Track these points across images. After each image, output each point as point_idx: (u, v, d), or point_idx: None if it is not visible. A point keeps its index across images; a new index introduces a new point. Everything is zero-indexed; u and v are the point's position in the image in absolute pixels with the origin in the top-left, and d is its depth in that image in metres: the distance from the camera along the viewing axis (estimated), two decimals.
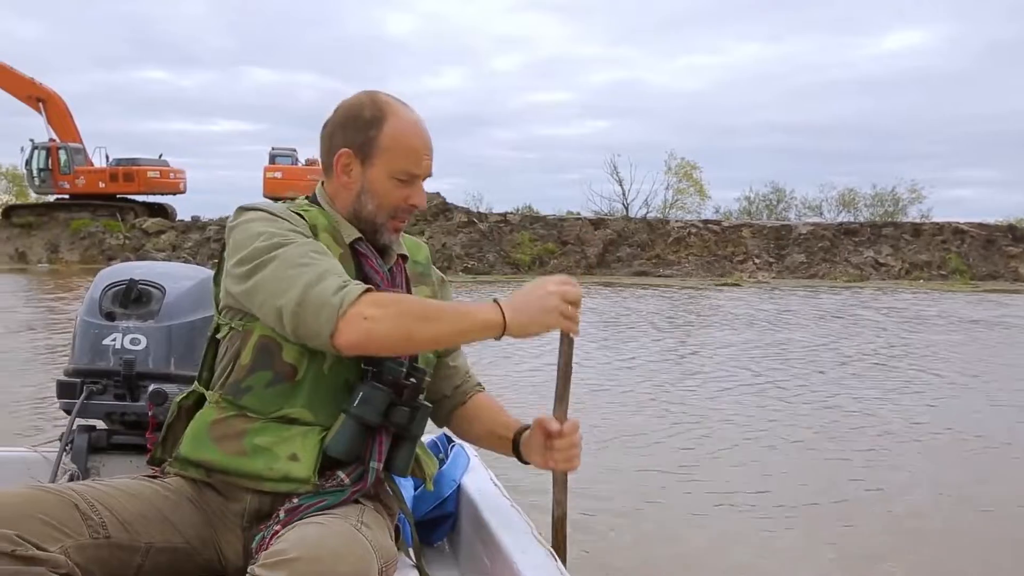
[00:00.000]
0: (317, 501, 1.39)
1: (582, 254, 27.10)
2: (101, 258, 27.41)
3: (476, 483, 1.95)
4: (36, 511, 1.23)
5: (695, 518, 4.27)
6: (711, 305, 17.36)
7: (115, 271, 2.18)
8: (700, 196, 37.30)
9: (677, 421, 6.39)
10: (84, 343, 2.07)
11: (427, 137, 1.56)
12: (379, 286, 1.49)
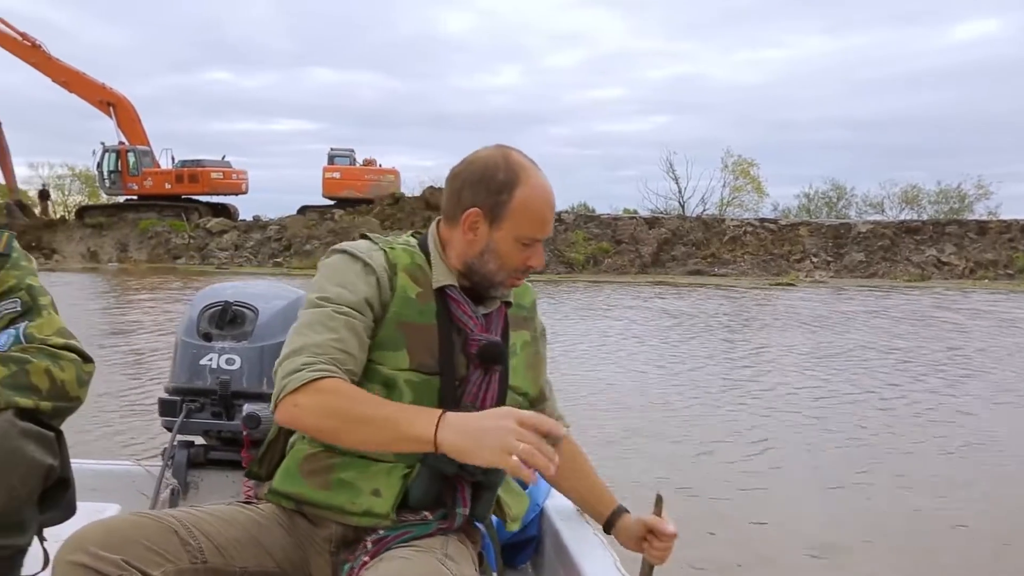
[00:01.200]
0: (403, 532, 1.43)
1: (636, 253, 27.07)
2: (167, 257, 28.32)
3: (558, 508, 1.92)
4: (140, 537, 1.30)
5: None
6: (787, 306, 16.93)
7: (211, 292, 2.27)
8: (757, 193, 37.03)
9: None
10: (183, 362, 2.16)
11: (553, 201, 1.58)
12: (471, 331, 1.53)
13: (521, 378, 1.63)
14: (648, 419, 6.54)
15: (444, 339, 1.52)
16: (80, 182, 42.06)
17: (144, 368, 8.29)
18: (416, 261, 1.56)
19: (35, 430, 1.43)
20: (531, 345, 1.68)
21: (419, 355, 1.50)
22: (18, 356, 1.48)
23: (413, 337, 1.50)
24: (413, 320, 1.51)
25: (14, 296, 1.56)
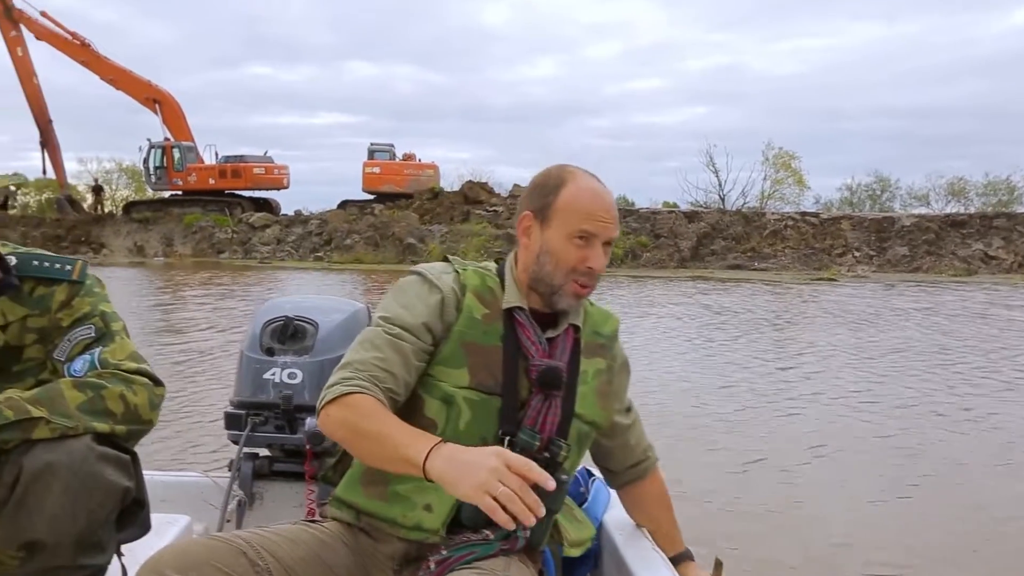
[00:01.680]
0: (466, 554, 1.45)
1: (675, 247, 26.96)
2: (211, 251, 28.80)
3: (618, 522, 1.92)
4: (211, 559, 1.34)
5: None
6: (835, 302, 16.45)
7: (272, 307, 2.31)
8: (799, 186, 36.52)
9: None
10: (246, 376, 2.21)
11: (606, 201, 1.58)
12: (532, 356, 1.55)
13: (590, 406, 1.62)
14: (693, 425, 6.38)
15: (508, 361, 1.54)
16: (127, 177, 42.86)
17: (201, 367, 8.35)
18: (487, 284, 1.60)
19: (112, 454, 1.49)
20: (605, 374, 1.66)
21: (479, 374, 1.53)
22: (94, 382, 1.52)
23: (475, 356, 1.54)
24: (476, 340, 1.55)
25: (88, 322, 1.62)
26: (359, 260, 26.34)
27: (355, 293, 18.05)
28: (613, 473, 1.80)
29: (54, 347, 1.59)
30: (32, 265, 1.62)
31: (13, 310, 1.59)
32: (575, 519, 1.69)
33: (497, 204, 29.57)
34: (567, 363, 1.58)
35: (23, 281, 1.61)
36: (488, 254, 26.12)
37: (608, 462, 1.79)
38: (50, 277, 1.62)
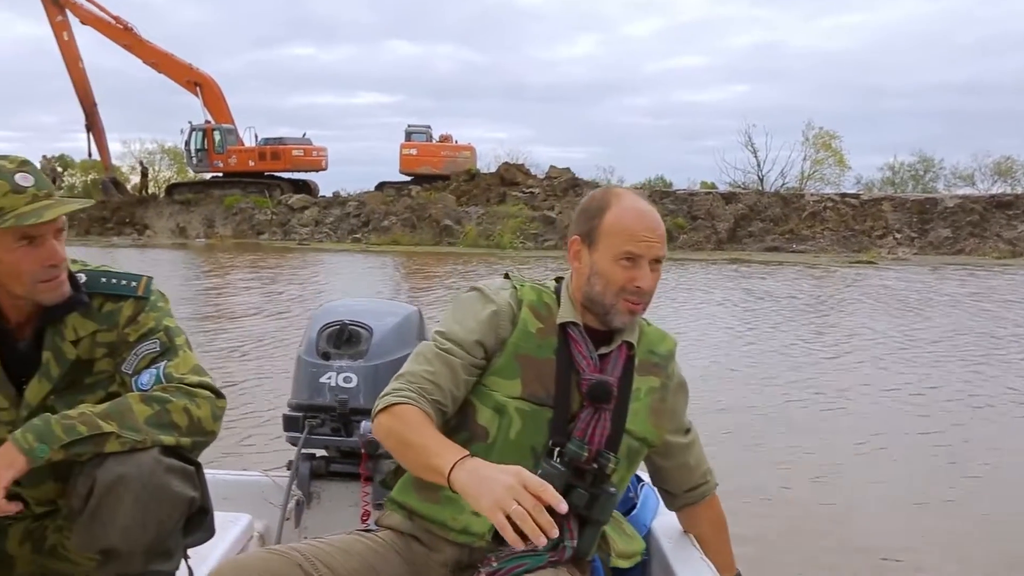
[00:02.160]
0: (516, 566, 1.48)
1: (712, 229, 26.78)
2: (251, 233, 29.18)
3: (666, 529, 1.93)
4: (268, 572, 1.40)
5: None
6: (880, 286, 15.98)
7: (328, 311, 2.36)
8: (839, 166, 36.05)
9: None
10: (303, 380, 2.25)
11: (649, 220, 1.61)
12: (583, 370, 1.59)
13: (641, 423, 1.65)
14: (735, 418, 6.19)
15: (561, 374, 1.59)
16: (169, 158, 43.52)
17: (253, 356, 8.34)
18: (543, 299, 1.67)
19: (178, 466, 1.55)
20: (658, 392, 1.68)
21: (531, 386, 1.59)
22: (160, 396, 1.59)
23: (527, 368, 1.59)
24: (530, 353, 1.60)
25: (154, 337, 1.68)
26: (396, 242, 26.55)
27: (394, 276, 18.24)
28: (671, 495, 1.83)
29: (122, 360, 1.67)
30: (100, 282, 1.70)
31: (84, 325, 1.67)
32: (623, 532, 1.72)
33: (533, 186, 29.57)
34: (619, 379, 1.62)
35: (92, 297, 1.68)
36: (524, 236, 26.20)
37: (667, 483, 1.81)
38: (117, 293, 1.70)
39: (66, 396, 1.64)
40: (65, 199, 1.62)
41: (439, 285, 15.56)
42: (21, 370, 1.64)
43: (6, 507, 1.45)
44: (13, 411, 1.62)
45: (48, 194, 1.58)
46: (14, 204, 1.53)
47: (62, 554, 1.71)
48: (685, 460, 1.78)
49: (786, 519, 4.21)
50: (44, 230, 1.56)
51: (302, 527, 2.26)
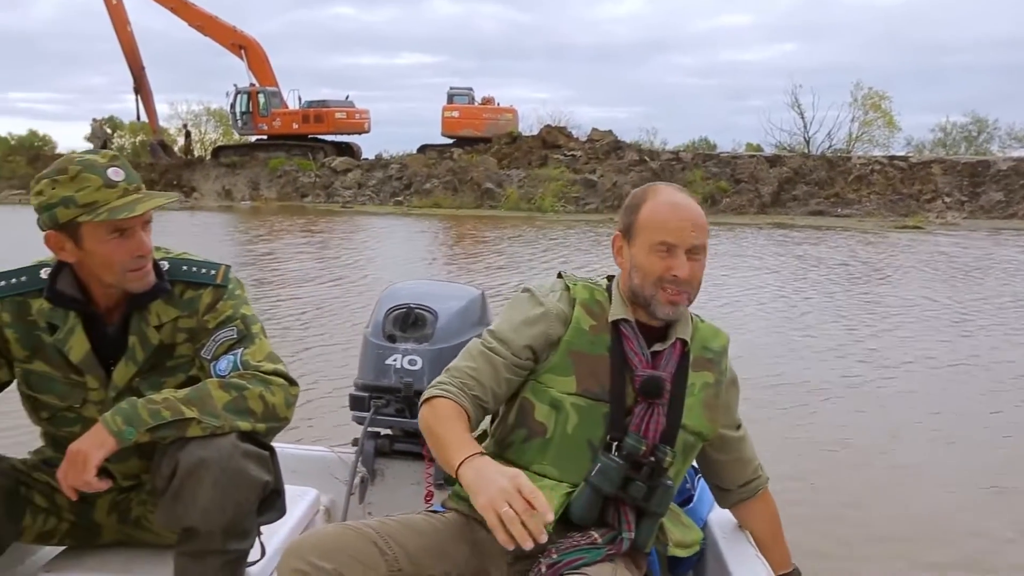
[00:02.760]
0: (576, 558, 1.50)
1: (756, 193, 26.45)
2: (295, 195, 29.53)
3: (722, 523, 1.94)
4: (346, 547, 1.46)
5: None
6: (935, 252, 15.37)
7: (394, 294, 2.39)
8: (889, 128, 35.21)
9: None
10: (369, 361, 2.30)
11: (684, 211, 1.64)
12: (635, 366, 1.63)
13: (696, 418, 1.68)
14: (787, 395, 5.94)
15: (615, 370, 1.63)
16: (215, 120, 43.99)
17: (315, 325, 8.34)
18: (596, 297, 1.71)
19: (254, 451, 1.64)
20: (713, 387, 1.71)
21: (586, 381, 1.63)
22: (237, 383, 1.66)
23: (581, 365, 1.64)
24: (584, 350, 1.65)
25: (231, 325, 1.76)
26: (437, 204, 26.71)
27: (435, 241, 18.37)
28: (725, 491, 1.85)
29: (201, 346, 1.75)
30: (182, 270, 1.79)
31: (166, 311, 1.76)
32: (681, 523, 1.76)
33: (575, 148, 29.44)
34: (673, 375, 1.65)
35: (174, 284, 1.77)
36: (565, 199, 26.16)
37: (720, 479, 1.84)
38: (197, 281, 1.78)
39: (150, 378, 1.75)
40: (152, 193, 1.71)
41: (490, 251, 15.50)
42: (109, 353, 1.74)
43: (98, 484, 1.57)
44: (102, 391, 1.73)
45: (137, 188, 1.67)
46: (107, 198, 1.62)
47: (145, 525, 1.84)
48: (739, 455, 1.79)
49: (835, 504, 4.01)
50: (134, 223, 1.65)
51: (366, 503, 2.34)
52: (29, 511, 1.75)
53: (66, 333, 1.71)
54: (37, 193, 1.64)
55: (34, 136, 46.29)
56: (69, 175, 1.61)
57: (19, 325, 1.72)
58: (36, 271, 1.74)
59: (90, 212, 1.60)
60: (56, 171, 1.62)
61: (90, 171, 1.61)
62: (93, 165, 1.63)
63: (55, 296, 1.71)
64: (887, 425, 5.33)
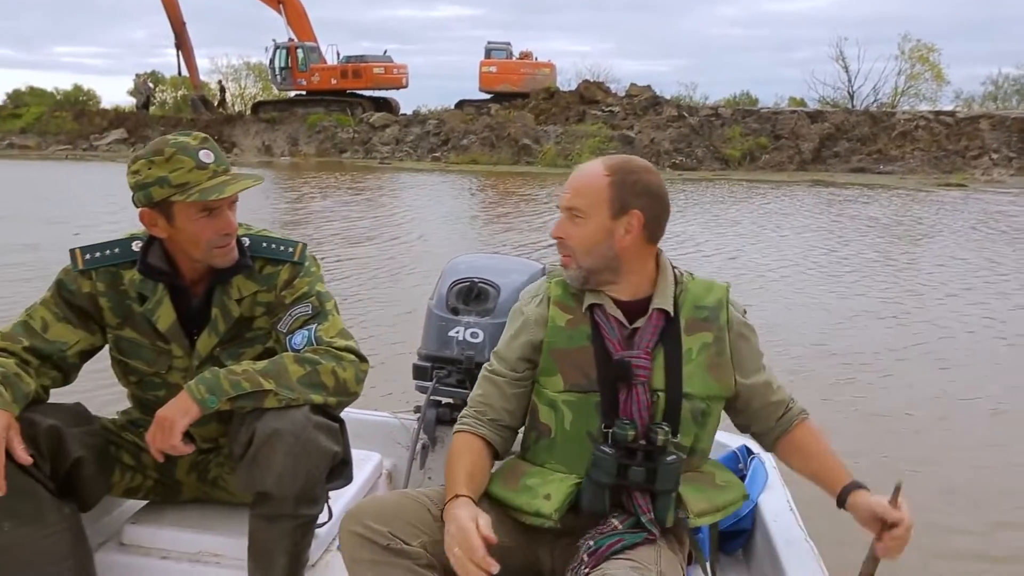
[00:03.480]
0: (615, 541, 1.55)
1: (796, 149, 26.09)
2: (334, 151, 29.74)
3: (773, 505, 1.94)
4: (402, 513, 1.54)
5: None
6: (987, 211, 14.82)
7: (458, 267, 2.42)
8: (937, 81, 34.32)
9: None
10: (433, 332, 2.34)
11: (573, 175, 1.71)
12: (612, 353, 1.63)
13: (700, 383, 1.65)
14: (839, 365, 5.77)
15: (599, 359, 1.64)
16: (255, 75, 44.22)
17: (370, 282, 8.40)
18: (570, 290, 1.71)
19: (325, 423, 1.72)
20: (713, 346, 1.67)
21: (572, 377, 1.65)
22: (311, 358, 1.74)
23: (564, 361, 1.66)
24: (563, 346, 1.67)
25: (306, 301, 1.84)
26: (475, 161, 26.77)
27: (471, 199, 18.45)
28: (762, 435, 1.78)
29: (278, 320, 1.84)
30: (261, 247, 1.88)
31: (247, 286, 1.85)
32: (699, 488, 1.68)
33: (613, 104, 29.22)
34: (651, 348, 1.63)
35: (254, 260, 1.85)
36: (601, 156, 25.94)
37: (755, 425, 1.77)
38: (276, 258, 1.87)
39: (230, 348, 1.85)
40: (240, 175, 1.79)
41: (547, 211, 15.25)
42: (193, 324, 1.85)
43: (183, 448, 1.68)
44: (187, 359, 1.85)
45: (225, 169, 1.76)
46: (198, 179, 1.71)
47: (222, 485, 1.97)
48: (765, 399, 1.74)
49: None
50: (222, 203, 1.74)
51: (427, 468, 2.39)
52: (118, 468, 1.89)
53: (155, 303, 1.83)
54: (134, 172, 1.73)
55: (79, 91, 47.07)
56: (164, 156, 1.70)
57: (112, 294, 1.84)
58: (128, 244, 1.86)
59: (182, 192, 1.70)
60: (152, 152, 1.71)
61: (183, 153, 1.70)
62: (186, 147, 1.72)
63: (146, 269, 1.82)
64: (948, 402, 5.11)
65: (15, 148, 32.00)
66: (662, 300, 1.67)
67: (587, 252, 1.65)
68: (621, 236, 1.64)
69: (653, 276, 1.70)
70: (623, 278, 1.68)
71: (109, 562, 1.89)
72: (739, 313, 1.73)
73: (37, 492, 1.67)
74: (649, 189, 1.65)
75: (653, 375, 1.62)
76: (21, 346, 1.77)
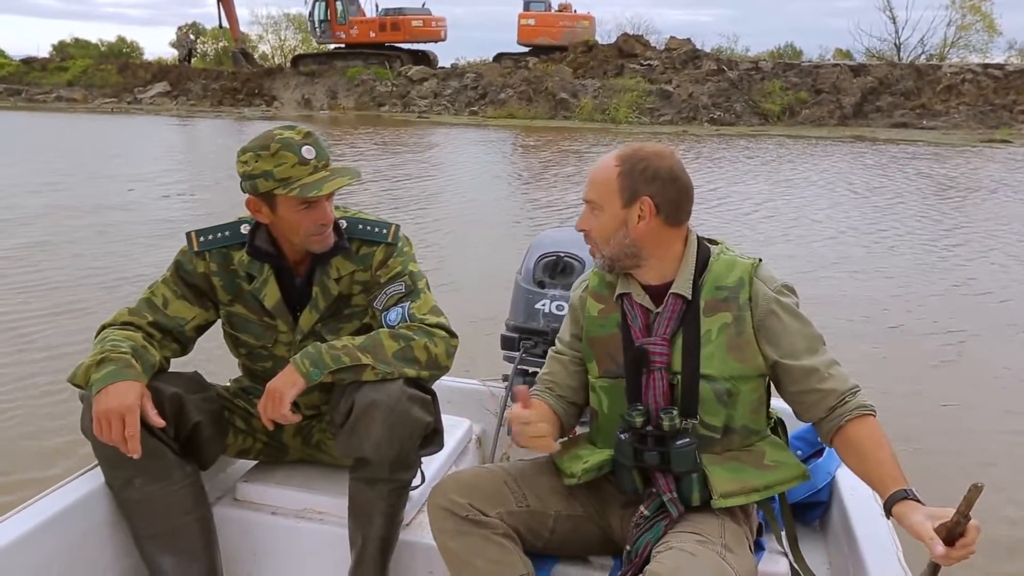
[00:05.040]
0: (658, 516, 1.63)
1: (837, 104, 25.66)
2: (372, 105, 29.88)
3: (850, 479, 1.90)
4: (481, 485, 1.65)
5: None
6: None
7: (544, 242, 2.48)
8: (989, 32, 33.34)
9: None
10: (520, 304, 2.41)
11: (594, 172, 1.72)
12: (634, 340, 1.70)
13: (719, 364, 1.65)
14: (890, 342, 5.55)
15: (626, 346, 1.71)
16: (294, 27, 44.32)
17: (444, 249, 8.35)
18: (606, 280, 1.79)
19: (418, 395, 1.84)
20: (733, 326, 1.65)
21: (604, 363, 1.75)
22: (405, 334, 1.86)
23: (597, 348, 1.76)
24: (596, 334, 1.76)
25: (400, 280, 1.94)
26: (512, 115, 26.79)
27: (508, 155, 18.50)
28: (817, 427, 1.68)
29: (373, 297, 1.96)
30: (358, 228, 1.99)
31: (345, 266, 1.97)
32: (740, 469, 1.66)
33: (652, 58, 28.95)
34: (670, 333, 1.67)
35: (351, 242, 1.97)
36: (639, 110, 25.91)
37: (802, 413, 1.69)
38: (371, 239, 1.98)
39: (330, 324, 1.98)
40: (338, 171, 1.89)
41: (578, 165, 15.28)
42: (296, 301, 1.99)
43: (291, 417, 1.81)
44: (290, 334, 1.99)
45: (325, 165, 1.87)
46: (299, 175, 1.82)
47: (324, 448, 2.11)
48: (807, 385, 1.64)
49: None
50: (320, 198, 1.85)
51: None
52: (231, 431, 2.05)
53: (261, 283, 1.96)
54: (242, 163, 1.85)
55: (122, 43, 47.57)
56: (270, 151, 1.82)
57: (223, 273, 1.99)
58: (237, 227, 2.00)
59: (285, 186, 1.82)
60: (259, 146, 1.83)
61: (287, 149, 1.82)
62: (290, 144, 1.83)
63: (254, 251, 1.96)
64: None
65: (63, 101, 32.66)
66: (680, 285, 1.69)
67: (606, 241, 1.70)
68: (635, 223, 1.67)
69: (679, 258, 1.72)
70: (646, 262, 1.71)
71: (225, 516, 2.05)
72: (771, 290, 1.67)
73: (164, 453, 1.84)
74: (659, 174, 1.66)
75: (672, 359, 1.66)
76: (146, 321, 1.94)
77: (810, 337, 1.67)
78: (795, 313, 1.68)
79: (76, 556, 1.84)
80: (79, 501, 1.86)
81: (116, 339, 1.86)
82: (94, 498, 1.88)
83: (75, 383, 1.83)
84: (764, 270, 1.69)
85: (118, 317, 1.96)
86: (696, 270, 1.69)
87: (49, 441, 3.98)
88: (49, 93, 33.36)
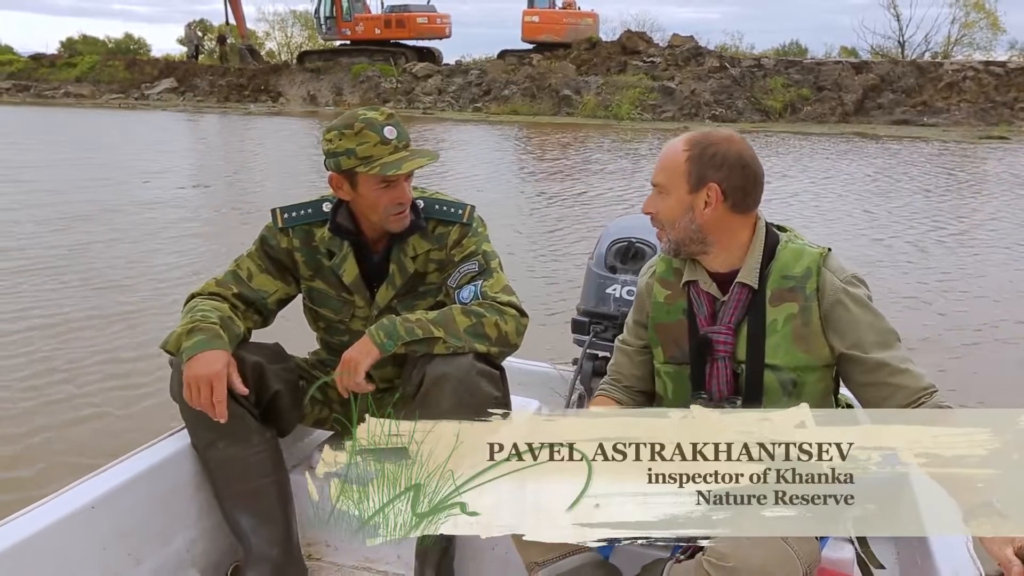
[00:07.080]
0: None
1: (838, 101, 25.83)
2: (377, 101, 29.90)
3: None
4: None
5: None
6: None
7: (617, 228, 2.51)
8: (993, 30, 33.43)
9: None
10: (591, 289, 2.44)
11: (664, 156, 1.70)
12: (700, 328, 1.70)
13: (784, 354, 1.64)
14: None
15: (691, 333, 1.71)
16: (300, 24, 44.48)
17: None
18: (672, 266, 1.78)
19: (487, 370, 1.87)
20: (799, 316, 1.63)
21: (669, 349, 1.75)
22: (477, 310, 1.89)
23: (663, 334, 1.76)
24: (662, 320, 1.77)
25: (474, 260, 1.99)
26: (515, 111, 26.93)
27: (512, 150, 18.66)
28: None
29: (448, 275, 2.01)
30: (434, 208, 2.04)
31: (420, 244, 2.02)
32: None
33: (655, 55, 29.11)
34: (735, 323, 1.66)
35: (427, 221, 2.02)
36: (642, 107, 26.09)
37: (888, 405, 1.62)
38: (447, 220, 2.03)
39: (405, 300, 2.04)
40: (417, 152, 1.94)
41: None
42: (374, 277, 2.04)
43: (365, 386, 1.85)
44: (367, 309, 2.05)
45: (406, 145, 1.92)
46: (380, 154, 1.88)
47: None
48: (877, 378, 1.62)
49: None
50: (399, 177, 1.90)
51: None
52: (309, 401, 2.10)
53: (341, 259, 2.03)
54: (327, 140, 1.93)
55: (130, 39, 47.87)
56: (354, 130, 1.89)
57: (305, 249, 2.05)
58: (319, 205, 2.07)
59: (366, 165, 1.88)
60: (344, 125, 1.91)
61: (370, 129, 1.89)
62: (373, 123, 1.89)
63: (335, 227, 2.02)
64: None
65: (71, 97, 32.88)
66: (746, 274, 1.67)
67: (672, 225, 1.69)
68: (701, 209, 1.65)
69: (747, 246, 1.69)
70: (712, 248, 1.70)
71: (300, 483, 2.05)
72: (839, 280, 1.65)
73: (245, 418, 1.91)
74: (728, 160, 1.64)
75: (736, 348, 1.66)
76: (231, 292, 2.02)
77: (881, 331, 1.65)
78: (865, 304, 1.65)
79: (163, 510, 1.94)
80: (166, 460, 1.95)
81: (205, 309, 1.94)
82: (180, 458, 1.98)
83: (167, 349, 1.92)
84: (833, 260, 1.67)
85: (206, 287, 2.04)
86: (763, 258, 1.67)
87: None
88: (57, 89, 33.54)
